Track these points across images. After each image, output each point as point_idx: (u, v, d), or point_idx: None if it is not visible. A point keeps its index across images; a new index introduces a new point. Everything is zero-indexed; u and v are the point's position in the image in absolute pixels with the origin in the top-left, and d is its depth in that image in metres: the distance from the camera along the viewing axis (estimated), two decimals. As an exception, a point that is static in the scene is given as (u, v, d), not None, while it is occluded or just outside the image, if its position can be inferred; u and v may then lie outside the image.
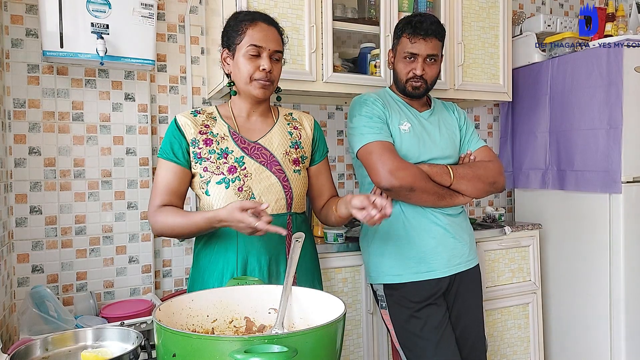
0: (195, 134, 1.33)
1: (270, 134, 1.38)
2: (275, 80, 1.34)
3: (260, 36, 1.30)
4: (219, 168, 1.31)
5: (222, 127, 1.36)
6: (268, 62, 1.30)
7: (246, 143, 1.35)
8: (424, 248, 1.65)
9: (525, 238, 2.42)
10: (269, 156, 1.35)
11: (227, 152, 1.32)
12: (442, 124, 1.77)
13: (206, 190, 1.31)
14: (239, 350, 0.62)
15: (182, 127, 1.33)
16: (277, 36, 1.34)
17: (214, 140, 1.33)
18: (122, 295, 2.06)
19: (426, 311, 1.63)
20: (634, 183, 2.26)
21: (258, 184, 1.31)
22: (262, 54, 1.30)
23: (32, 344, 0.87)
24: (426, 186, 1.61)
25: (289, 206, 1.35)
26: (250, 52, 1.29)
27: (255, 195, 1.31)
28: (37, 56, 1.92)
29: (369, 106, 1.67)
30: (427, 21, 1.66)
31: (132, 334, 0.92)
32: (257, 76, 1.30)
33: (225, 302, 0.93)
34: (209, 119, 1.37)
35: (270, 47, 1.31)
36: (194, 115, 1.37)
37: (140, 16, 1.90)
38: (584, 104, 2.38)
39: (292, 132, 1.43)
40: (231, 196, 1.29)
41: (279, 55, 1.34)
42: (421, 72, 1.67)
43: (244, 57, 1.30)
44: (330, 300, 0.87)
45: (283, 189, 1.34)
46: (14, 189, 1.91)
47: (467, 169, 1.69)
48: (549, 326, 2.62)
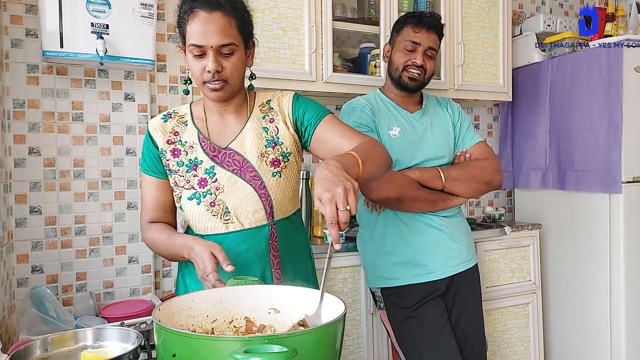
0: (163, 144, 1.21)
1: (241, 135, 1.20)
2: (230, 78, 1.13)
3: (199, 32, 1.08)
4: (189, 182, 1.18)
5: (192, 133, 1.21)
6: (213, 62, 1.09)
7: (216, 150, 1.19)
8: (421, 250, 1.64)
9: (525, 238, 2.42)
10: (242, 162, 1.18)
11: (197, 163, 1.18)
12: (435, 123, 1.73)
13: (180, 205, 1.21)
14: (239, 350, 0.62)
15: (152, 135, 1.22)
16: (223, 24, 1.09)
17: (182, 150, 1.20)
18: (122, 296, 2.06)
19: (423, 311, 1.63)
20: (634, 183, 2.26)
21: (231, 197, 1.16)
22: (206, 52, 1.09)
23: (31, 344, 0.87)
24: (416, 195, 1.59)
25: (269, 216, 1.18)
26: (193, 52, 1.10)
27: (230, 209, 1.16)
28: (36, 56, 1.92)
29: (356, 114, 1.64)
30: (431, 16, 1.69)
31: (132, 334, 0.92)
32: (205, 78, 1.12)
33: (225, 302, 0.93)
34: (180, 124, 1.23)
35: (213, 42, 1.08)
36: (164, 120, 1.24)
37: (140, 16, 1.90)
38: (584, 104, 2.38)
39: (268, 127, 1.22)
40: (203, 212, 1.17)
41: (230, 48, 1.10)
42: (421, 62, 1.65)
43: (190, 57, 1.12)
44: (330, 300, 0.87)
45: (260, 199, 1.17)
46: (14, 189, 1.90)
47: (460, 170, 1.66)
48: (549, 326, 2.62)
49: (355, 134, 1.19)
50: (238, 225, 1.17)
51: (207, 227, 1.19)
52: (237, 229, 1.17)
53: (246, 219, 1.17)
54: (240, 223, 1.17)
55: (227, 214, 1.17)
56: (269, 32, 2.00)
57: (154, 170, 1.23)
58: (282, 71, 2.02)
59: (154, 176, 1.23)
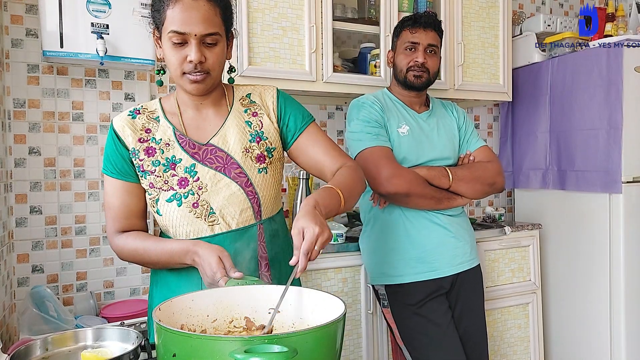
0: (134, 143, 1.11)
1: (223, 130, 1.13)
2: (212, 69, 1.06)
3: (181, 18, 1.00)
4: (167, 182, 1.09)
5: (167, 129, 1.12)
6: (196, 52, 1.02)
7: (196, 147, 1.11)
8: (426, 248, 1.65)
9: (525, 238, 2.42)
10: (226, 158, 1.11)
11: (175, 162, 1.10)
12: (441, 125, 1.77)
13: (157, 209, 1.11)
14: (239, 350, 0.62)
15: (120, 134, 1.12)
16: (207, 12, 1.02)
17: (157, 149, 1.11)
18: (122, 295, 2.06)
19: (428, 308, 1.64)
20: (634, 183, 2.26)
21: (216, 196, 1.09)
22: (188, 40, 1.02)
23: (32, 344, 0.87)
24: (423, 191, 1.62)
25: (257, 215, 1.13)
26: (173, 40, 1.02)
27: (215, 209, 1.09)
28: (37, 56, 1.92)
29: (366, 109, 1.67)
30: (427, 15, 1.73)
31: (132, 334, 0.92)
32: (185, 69, 1.04)
33: (225, 302, 0.93)
34: (151, 121, 1.14)
35: (197, 31, 1.01)
36: (132, 117, 1.14)
37: (140, 16, 1.90)
38: (584, 104, 2.38)
39: (251, 121, 1.16)
40: (185, 214, 1.09)
41: (214, 38, 1.04)
42: (423, 60, 1.68)
43: (168, 45, 1.04)
44: (330, 300, 0.87)
45: (247, 197, 1.11)
46: (14, 189, 1.91)
47: (465, 171, 1.69)
48: (549, 326, 2.62)
49: (336, 149, 1.19)
50: (224, 226, 1.10)
51: (190, 231, 1.10)
52: (223, 231, 1.10)
53: (233, 219, 1.10)
54: (226, 224, 1.10)
55: (212, 214, 1.09)
56: (269, 32, 2.00)
57: (121, 173, 1.12)
58: (282, 71, 2.02)
59: (122, 179, 1.12)
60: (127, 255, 1.13)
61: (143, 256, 1.10)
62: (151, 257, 1.09)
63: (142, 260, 1.12)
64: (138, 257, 1.11)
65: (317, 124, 1.23)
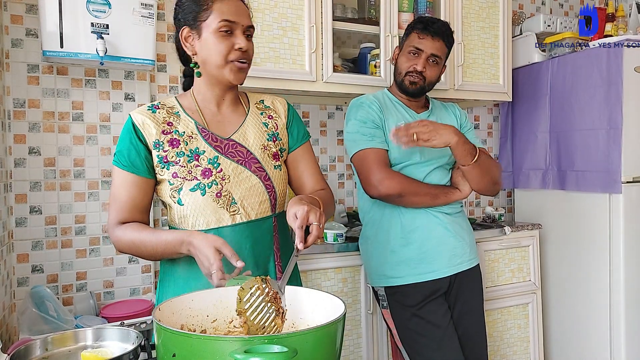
0: (157, 135, 1.15)
1: (244, 128, 1.22)
2: (250, 61, 1.18)
3: (231, 10, 1.12)
4: (191, 172, 1.14)
5: (189, 123, 1.18)
6: (244, 40, 1.13)
7: (218, 140, 1.18)
8: (425, 248, 1.65)
9: (525, 238, 2.42)
10: (246, 153, 1.19)
11: (199, 153, 1.15)
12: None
13: (178, 199, 1.15)
14: (239, 350, 0.62)
15: (140, 127, 1.15)
16: (247, 9, 1.18)
17: (181, 141, 1.16)
18: (122, 295, 2.06)
19: (427, 310, 1.64)
20: (634, 183, 2.26)
21: (238, 187, 1.16)
22: (235, 30, 1.12)
23: (32, 344, 0.87)
24: (417, 189, 1.62)
25: (273, 207, 1.21)
26: (222, 29, 1.11)
27: (236, 200, 1.15)
28: (37, 56, 1.92)
29: (364, 110, 1.67)
30: (439, 23, 1.71)
31: (132, 334, 0.92)
32: (232, 57, 1.13)
33: (225, 302, 0.93)
34: (171, 115, 1.19)
35: (244, 22, 1.14)
36: (152, 111, 1.18)
37: (140, 16, 1.90)
38: (584, 104, 2.38)
39: (267, 122, 1.26)
40: (209, 203, 1.14)
41: (252, 32, 1.17)
42: (421, 69, 1.68)
43: (214, 36, 1.12)
44: (330, 300, 0.87)
45: (266, 190, 1.19)
46: (14, 189, 1.90)
47: (487, 160, 1.64)
48: (549, 326, 2.62)
49: (320, 174, 1.33)
50: (245, 216, 1.16)
51: (212, 220, 1.14)
52: (243, 220, 1.16)
53: (252, 209, 1.17)
54: (247, 214, 1.16)
55: (234, 204, 1.15)
56: (269, 32, 2.00)
57: (133, 166, 1.14)
58: (282, 71, 2.02)
59: (134, 173, 1.14)
60: (125, 246, 1.14)
61: (140, 247, 1.12)
62: (147, 248, 1.11)
63: (138, 251, 1.13)
64: (135, 248, 1.13)
65: (310, 144, 1.34)
